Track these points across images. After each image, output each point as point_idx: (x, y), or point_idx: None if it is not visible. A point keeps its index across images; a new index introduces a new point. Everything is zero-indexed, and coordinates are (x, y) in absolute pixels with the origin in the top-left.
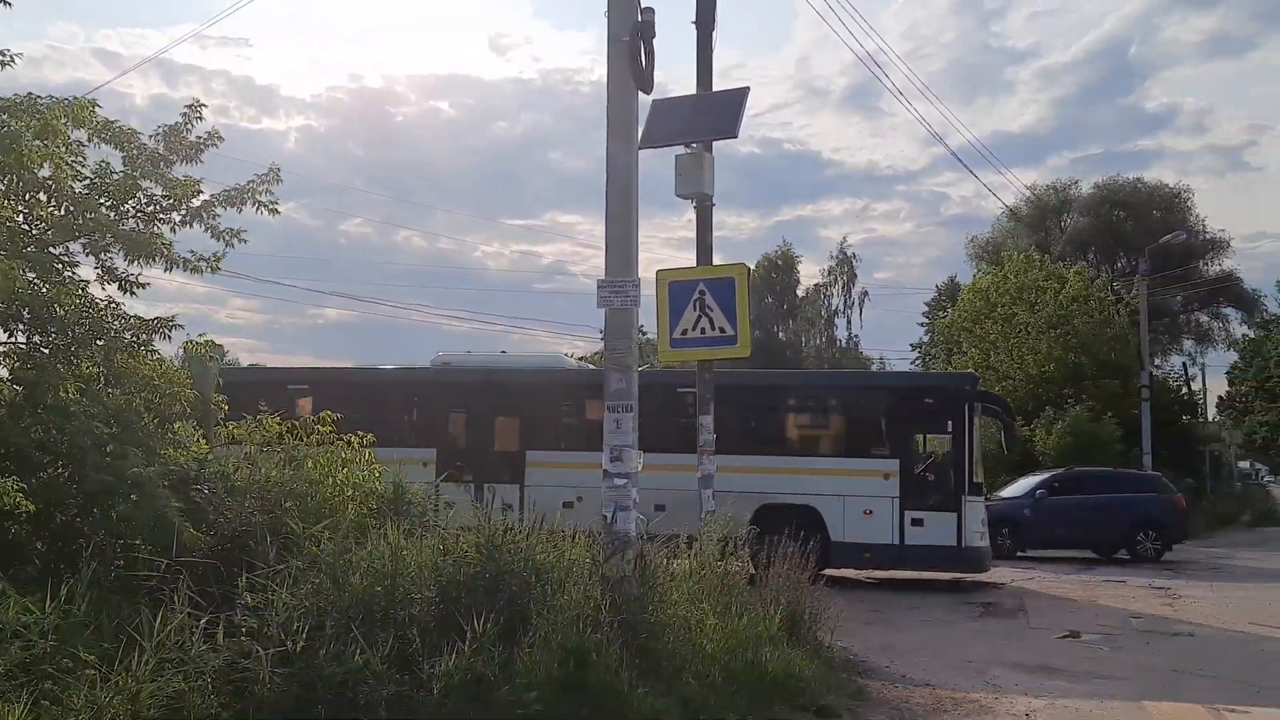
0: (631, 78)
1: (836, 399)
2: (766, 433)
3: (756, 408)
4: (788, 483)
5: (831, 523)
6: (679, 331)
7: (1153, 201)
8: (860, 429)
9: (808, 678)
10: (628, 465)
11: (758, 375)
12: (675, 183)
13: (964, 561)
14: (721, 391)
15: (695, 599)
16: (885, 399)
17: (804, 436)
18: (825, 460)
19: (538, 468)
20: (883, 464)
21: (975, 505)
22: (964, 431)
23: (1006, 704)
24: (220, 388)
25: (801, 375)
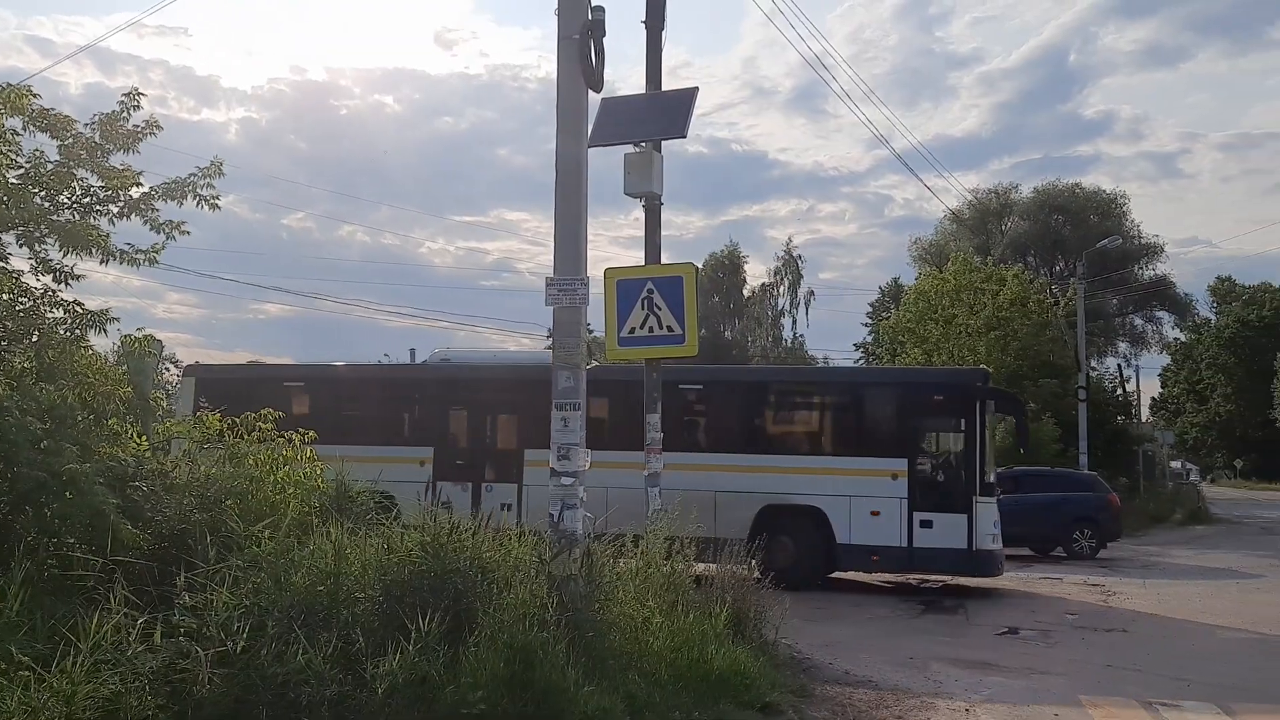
0: (581, 76)
1: (842, 396)
2: (769, 431)
3: (759, 405)
4: (792, 483)
5: (837, 524)
6: (627, 330)
7: (1090, 207)
8: (867, 427)
9: (753, 675)
10: (575, 464)
11: (760, 371)
12: (624, 181)
13: (975, 565)
14: (722, 388)
15: (642, 597)
16: (893, 396)
17: (809, 435)
18: (831, 459)
19: (537, 467)
20: (890, 463)
21: (987, 506)
22: (975, 429)
23: (947, 700)
24: (208, 386)
25: (806, 372)
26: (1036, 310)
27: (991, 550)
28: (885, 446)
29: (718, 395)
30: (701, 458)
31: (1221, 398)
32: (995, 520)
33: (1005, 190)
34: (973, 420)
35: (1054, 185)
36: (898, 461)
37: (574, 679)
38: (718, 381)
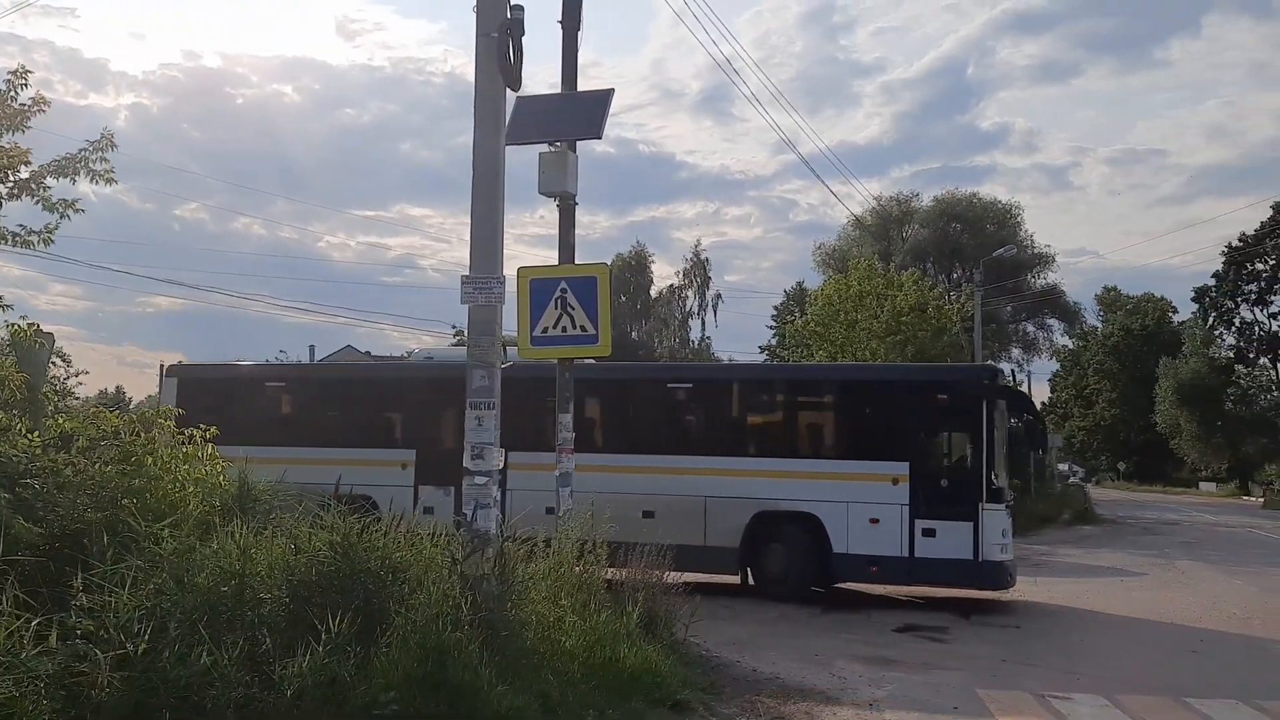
0: (500, 74)
1: (840, 394)
2: (761, 432)
3: (750, 404)
4: (785, 487)
5: (834, 532)
6: (540, 329)
7: (987, 216)
8: (866, 428)
9: (664, 673)
10: (489, 463)
11: (753, 369)
12: (539, 180)
13: (982, 577)
14: (712, 387)
15: (555, 597)
16: (894, 394)
17: (803, 436)
18: (827, 463)
19: (521, 470)
20: (890, 467)
21: (995, 514)
22: (982, 431)
23: (851, 695)
24: (189, 387)
25: (801, 369)
26: (935, 316)
27: (1000, 562)
28: (885, 449)
29: (707, 394)
30: (690, 461)
31: (1106, 403)
32: (1005, 529)
33: (906, 198)
34: (979, 420)
35: (953, 194)
36: (898, 465)
37: (487, 678)
38: (707, 380)
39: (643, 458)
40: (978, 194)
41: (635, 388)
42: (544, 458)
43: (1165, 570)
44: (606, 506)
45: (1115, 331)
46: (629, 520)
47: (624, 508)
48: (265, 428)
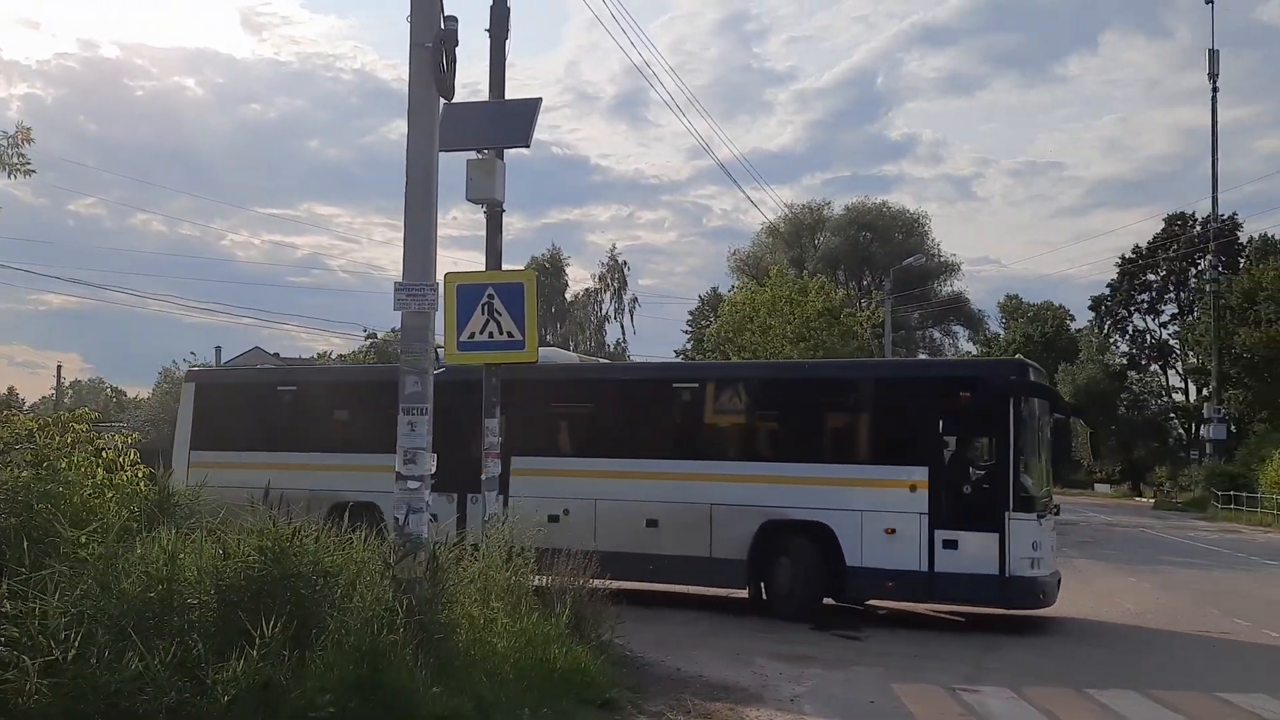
0: (434, 83)
1: (853, 393)
2: (768, 435)
3: (760, 405)
4: (795, 494)
5: (847, 543)
6: (466, 335)
7: (896, 225)
8: (882, 429)
9: (593, 673)
10: (421, 468)
11: (758, 366)
12: (466, 187)
13: (1009, 595)
14: (720, 386)
15: (486, 599)
16: (912, 393)
17: (814, 439)
18: (839, 468)
19: (523, 476)
20: (908, 472)
21: (1024, 524)
22: (1008, 431)
23: (773, 691)
24: (207, 392)
25: (812, 366)
26: (847, 322)
27: (1031, 578)
28: (902, 452)
29: (711, 394)
30: (694, 466)
31: None
32: (1036, 540)
33: (819, 206)
34: (1005, 420)
35: (863, 203)
36: (916, 470)
37: (423, 680)
38: (715, 379)
39: (644, 462)
40: (887, 203)
41: (636, 388)
42: (550, 463)
43: (1064, 568)
44: (608, 515)
45: (1017, 338)
46: (632, 529)
47: (626, 516)
48: (274, 433)
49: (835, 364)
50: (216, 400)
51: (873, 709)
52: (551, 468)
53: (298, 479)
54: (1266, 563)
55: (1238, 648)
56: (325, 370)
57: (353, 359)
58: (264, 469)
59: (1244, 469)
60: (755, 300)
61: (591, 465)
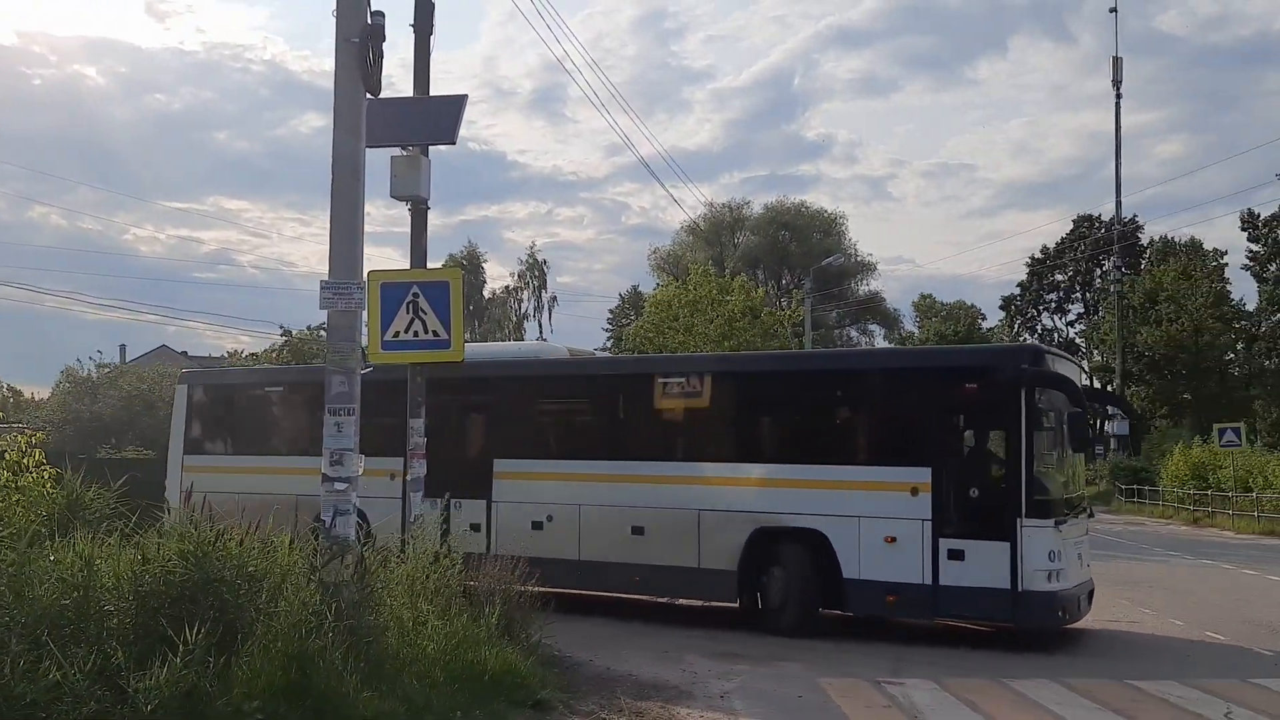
0: (360, 78)
1: (848, 385)
2: (758, 434)
3: (743, 401)
4: (787, 499)
5: (843, 553)
6: (391, 334)
7: (814, 225)
8: (880, 426)
9: (524, 674)
10: (348, 469)
11: (746, 359)
12: (391, 184)
13: (1022, 611)
14: (708, 380)
15: (415, 602)
16: (913, 385)
17: (808, 438)
18: (833, 469)
19: (506, 480)
20: (909, 474)
21: (1039, 531)
22: (1020, 427)
23: (703, 687)
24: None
25: (805, 357)
26: (767, 321)
27: (1049, 593)
28: (902, 452)
29: (702, 388)
30: (680, 468)
31: None
32: (1055, 550)
33: (738, 205)
34: (1017, 415)
35: (782, 203)
36: (918, 471)
37: (353, 684)
38: (703, 372)
39: (628, 465)
40: (805, 203)
41: (618, 384)
42: (534, 466)
43: None
44: (592, 521)
45: (930, 337)
46: (617, 537)
47: (611, 523)
48: (265, 437)
49: (829, 354)
50: (208, 403)
51: (801, 704)
52: (534, 471)
53: (288, 484)
54: (1169, 554)
55: (1147, 637)
56: (313, 370)
57: (265, 358)
58: (256, 474)
59: (1146, 463)
60: (678, 299)
61: (574, 468)
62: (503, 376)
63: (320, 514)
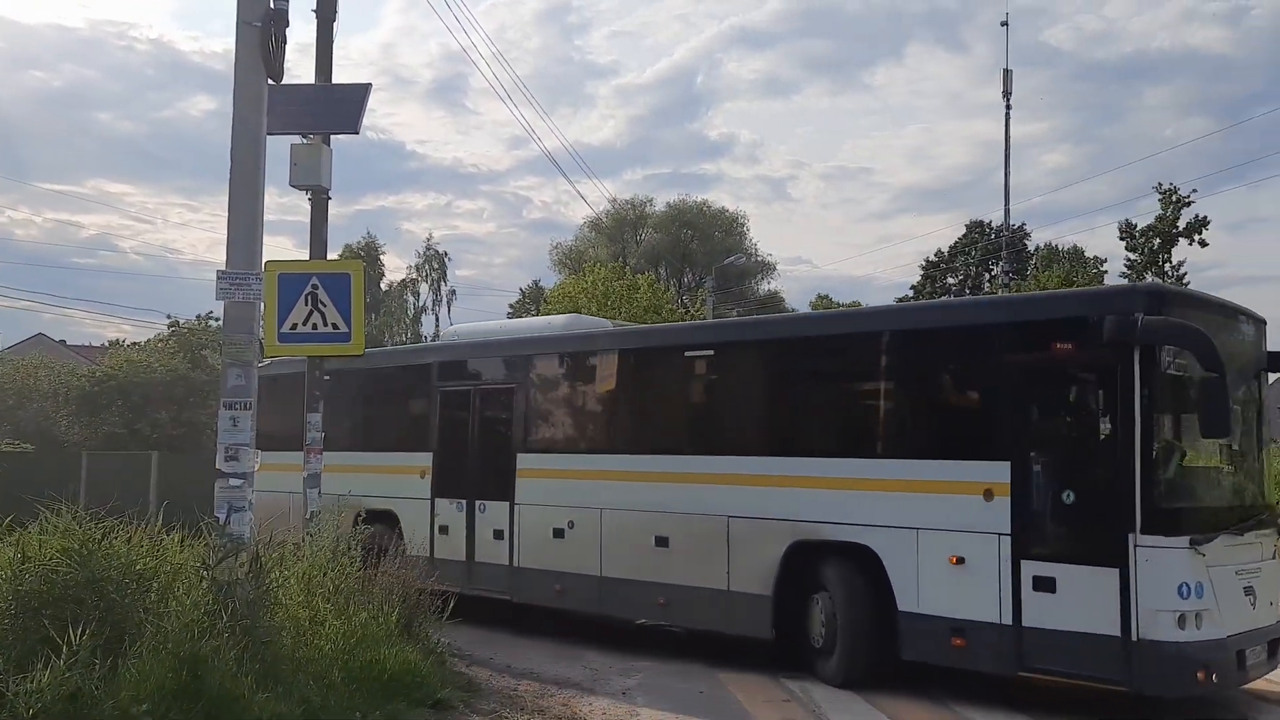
0: (262, 63)
1: (902, 353)
2: (795, 419)
3: (777, 377)
4: (829, 503)
5: (897, 577)
6: (288, 325)
7: (716, 224)
8: (944, 407)
9: (424, 673)
10: (244, 465)
11: (779, 323)
12: (290, 173)
13: (1138, 669)
14: (741, 352)
15: (311, 601)
16: (986, 348)
17: (852, 423)
18: (885, 464)
19: (529, 478)
20: (980, 470)
21: (1163, 554)
22: (1133, 403)
23: (604, 685)
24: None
25: (849, 317)
26: (670, 319)
27: (1178, 645)
28: (971, 440)
29: (733, 363)
30: (709, 463)
31: None
32: (1189, 581)
33: (641, 203)
34: (1130, 384)
35: (684, 202)
36: (992, 468)
37: (248, 686)
38: (737, 342)
39: (653, 460)
40: (708, 202)
41: (641, 360)
42: (558, 461)
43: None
44: (615, 529)
45: None
46: (640, 549)
47: (633, 531)
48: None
49: (882, 312)
50: (274, 391)
51: (702, 699)
52: (555, 467)
53: (326, 483)
54: None
55: None
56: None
57: (151, 348)
58: (297, 471)
59: None
60: (586, 294)
61: (594, 463)
62: (526, 356)
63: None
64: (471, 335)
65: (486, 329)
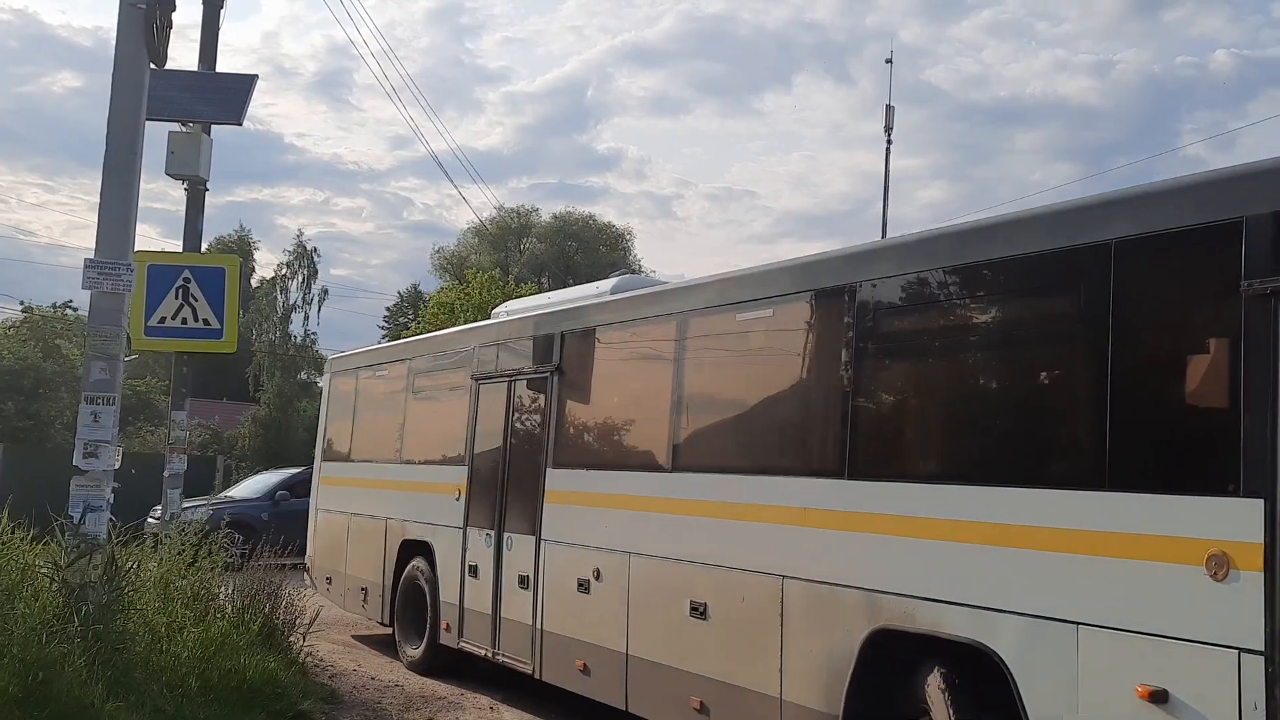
0: (144, 47)
1: (1049, 286)
2: (880, 420)
3: (850, 341)
4: (931, 567)
5: (1037, 709)
6: (156, 319)
7: (601, 238)
8: (1124, 399)
9: (285, 684)
10: (103, 462)
11: (887, 251)
12: (166, 161)
13: None
14: (790, 309)
15: (169, 606)
16: (1184, 277)
17: (972, 423)
18: (1018, 498)
19: (558, 505)
20: (1197, 512)
21: None
22: None
23: (472, 699)
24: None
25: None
26: None
27: None
28: (1178, 459)
29: (788, 325)
30: (756, 487)
31: None
32: None
33: (527, 212)
34: None
35: (570, 214)
36: (1223, 510)
37: (98, 695)
38: (801, 291)
39: (688, 481)
40: (594, 215)
41: (685, 327)
42: (586, 480)
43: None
44: (642, 587)
45: None
46: (671, 618)
47: (664, 590)
48: (364, 435)
49: (1019, 221)
50: (339, 393)
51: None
52: (584, 488)
53: (377, 503)
54: None
55: None
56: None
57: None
58: (352, 485)
59: None
60: (464, 302)
61: (622, 484)
62: (542, 335)
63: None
64: (523, 312)
65: (536, 303)
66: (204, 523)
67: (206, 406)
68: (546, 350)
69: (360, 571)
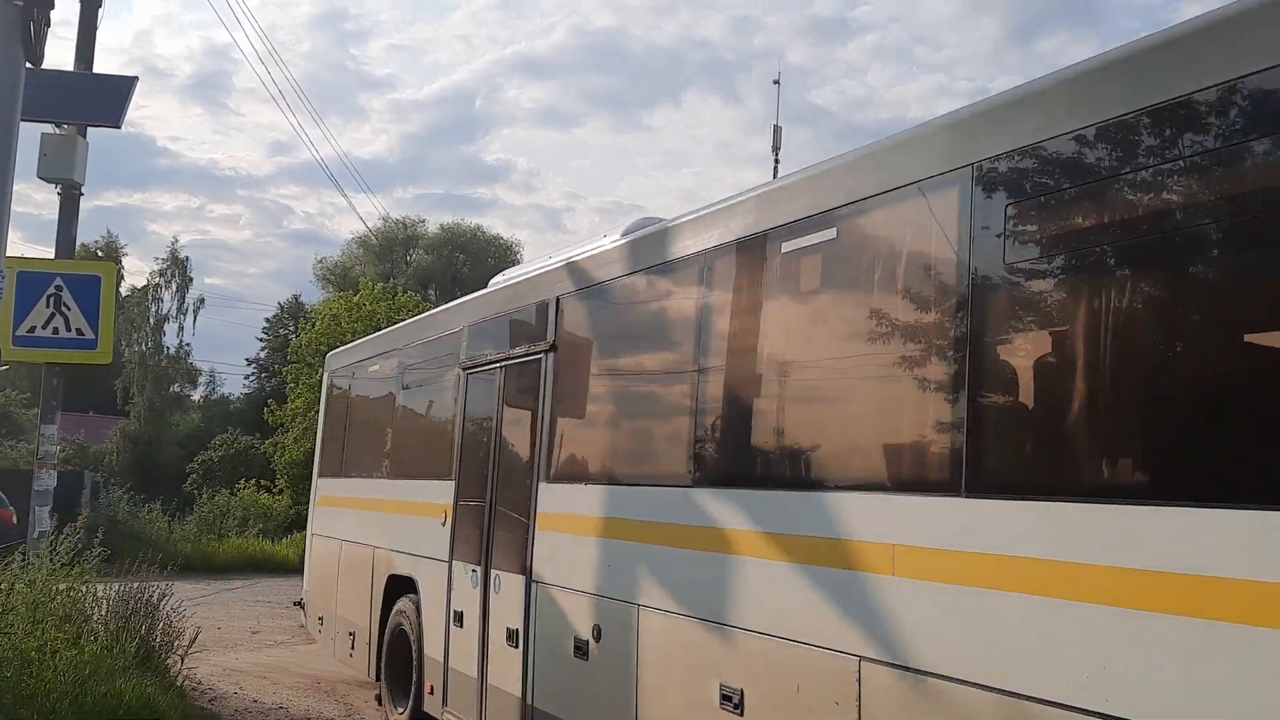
0: (20, 46)
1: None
2: (1000, 408)
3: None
4: (1046, 641)
5: None
6: (25, 328)
7: (489, 250)
8: None
9: (163, 708)
10: None
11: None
12: (39, 164)
13: None
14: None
15: (39, 628)
16: None
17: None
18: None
19: (551, 534)
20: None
21: None
22: None
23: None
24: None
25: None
26: None
27: None
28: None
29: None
30: (811, 508)
31: None
32: None
33: (413, 223)
34: None
35: (458, 226)
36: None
37: None
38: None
39: (714, 498)
40: (482, 227)
41: (690, 271)
42: (585, 496)
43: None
44: (657, 654)
45: None
46: (699, 708)
47: (688, 665)
48: (362, 448)
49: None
50: (334, 396)
51: None
52: (582, 510)
53: (365, 529)
54: None
55: None
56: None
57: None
58: (344, 506)
59: None
60: (352, 313)
61: (631, 507)
62: (531, 304)
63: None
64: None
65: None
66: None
67: (72, 420)
68: (539, 325)
69: (348, 612)
